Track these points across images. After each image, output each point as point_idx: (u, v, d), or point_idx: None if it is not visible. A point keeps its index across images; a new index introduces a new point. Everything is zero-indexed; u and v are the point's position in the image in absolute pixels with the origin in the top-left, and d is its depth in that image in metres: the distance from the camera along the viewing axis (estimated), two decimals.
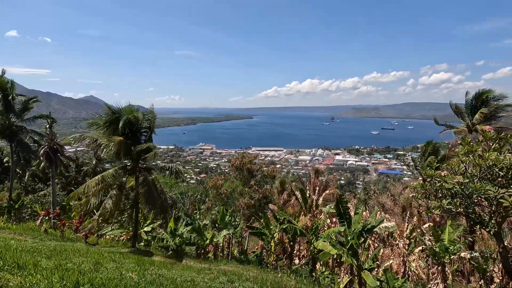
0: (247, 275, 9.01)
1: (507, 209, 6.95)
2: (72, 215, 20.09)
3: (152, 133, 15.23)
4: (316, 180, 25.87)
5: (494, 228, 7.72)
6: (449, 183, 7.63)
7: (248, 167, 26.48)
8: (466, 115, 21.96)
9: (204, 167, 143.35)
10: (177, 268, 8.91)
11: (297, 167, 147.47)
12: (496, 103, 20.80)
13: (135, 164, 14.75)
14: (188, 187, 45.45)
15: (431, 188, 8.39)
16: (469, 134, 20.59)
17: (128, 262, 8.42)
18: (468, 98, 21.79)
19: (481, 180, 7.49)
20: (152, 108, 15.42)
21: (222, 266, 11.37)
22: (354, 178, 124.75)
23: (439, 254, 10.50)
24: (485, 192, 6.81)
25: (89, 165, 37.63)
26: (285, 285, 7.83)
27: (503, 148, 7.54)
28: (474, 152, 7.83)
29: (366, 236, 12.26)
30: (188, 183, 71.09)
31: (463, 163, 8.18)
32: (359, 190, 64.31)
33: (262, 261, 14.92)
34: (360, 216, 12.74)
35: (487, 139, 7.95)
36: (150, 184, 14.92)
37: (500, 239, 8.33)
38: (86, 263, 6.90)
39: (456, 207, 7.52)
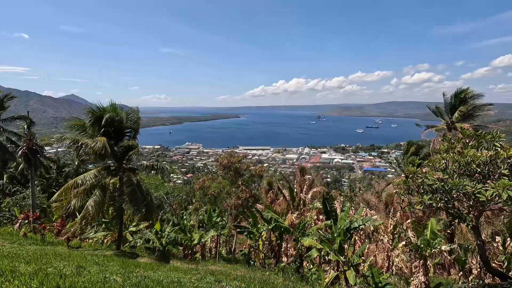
0: (234, 274, 8.99)
1: (484, 203, 7.24)
2: (53, 218, 19.42)
3: (136, 133, 14.94)
4: (302, 178, 26.12)
5: (472, 222, 8.03)
6: (430, 179, 7.86)
7: (236, 166, 26.40)
8: (446, 113, 22.77)
9: (191, 166, 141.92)
10: (163, 270, 8.78)
11: (284, 165, 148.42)
12: (474, 102, 21.69)
13: (119, 164, 14.42)
14: (174, 187, 44.89)
15: (413, 185, 8.62)
16: (448, 132, 21.36)
17: (112, 264, 8.22)
18: (447, 98, 22.62)
19: (460, 176, 7.76)
20: (136, 107, 15.12)
21: (210, 266, 11.31)
22: (340, 176, 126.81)
23: (421, 248, 10.84)
24: (463, 187, 7.06)
25: (71, 166, 36.46)
26: (272, 283, 7.86)
27: (480, 145, 7.85)
28: (454, 149, 8.11)
29: (352, 232, 12.50)
30: (174, 183, 70.20)
31: (444, 159, 8.46)
32: (345, 187, 65.43)
33: (250, 260, 14.94)
34: (346, 213, 12.97)
35: (465, 137, 8.25)
36: (134, 185, 14.62)
37: (477, 232, 8.68)
38: (68, 267, 6.69)
39: (437, 203, 7.76)
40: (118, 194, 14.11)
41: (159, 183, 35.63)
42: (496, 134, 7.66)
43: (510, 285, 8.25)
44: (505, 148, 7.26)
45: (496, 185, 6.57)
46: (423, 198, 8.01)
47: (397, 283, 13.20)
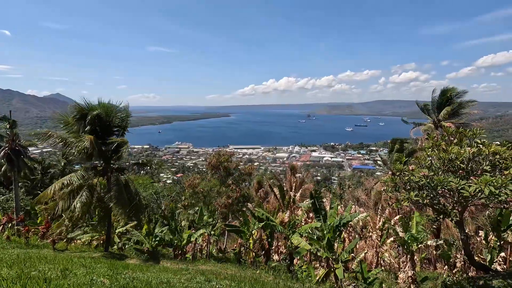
0: (225, 274, 8.97)
1: (467, 199, 7.45)
2: (38, 221, 18.90)
3: (125, 131, 14.66)
4: (292, 176, 26.28)
5: (456, 217, 8.26)
6: (416, 176, 8.04)
7: (225, 165, 26.26)
8: (433, 112, 23.29)
9: (181, 166, 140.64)
10: (153, 271, 8.67)
11: (274, 164, 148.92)
12: (459, 100, 22.27)
13: (107, 164, 14.14)
14: (164, 187, 44.38)
15: (400, 182, 8.80)
16: (435, 130, 21.87)
17: (100, 267, 8.06)
18: (434, 96, 23.15)
19: (444, 172, 7.97)
20: (126, 105, 14.80)
21: (200, 266, 11.25)
22: (329, 174, 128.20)
23: (408, 244, 11.08)
24: (448, 183, 7.25)
25: (57, 167, 35.54)
26: (263, 281, 7.88)
27: (463, 142, 8.07)
28: (438, 146, 8.32)
29: (341, 229, 12.65)
30: (164, 183, 69.43)
31: (429, 157, 8.66)
32: (334, 185, 66.18)
33: (241, 259, 14.93)
34: (336, 211, 13.11)
35: (449, 134, 8.47)
36: (123, 185, 14.37)
37: (461, 227, 8.93)
38: (53, 270, 6.52)
39: (423, 199, 7.95)
40: (106, 195, 13.83)
41: (149, 183, 35.17)
42: (477, 131, 7.89)
43: (492, 277, 8.53)
44: (487, 145, 7.49)
45: (479, 181, 6.77)
46: (409, 194, 8.18)
47: (386, 278, 13.46)
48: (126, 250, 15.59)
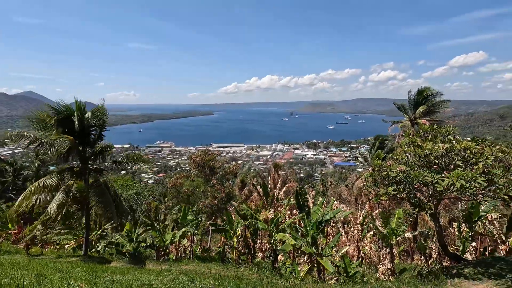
0: (209, 273, 8.91)
1: (441, 192, 7.82)
2: (9, 225, 17.94)
3: (102, 130, 14.18)
4: (276, 174, 26.46)
5: (431, 210, 8.64)
6: (393, 172, 8.33)
7: (209, 164, 26.08)
8: (409, 110, 24.21)
9: (163, 165, 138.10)
10: (134, 273, 8.47)
11: (258, 162, 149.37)
12: (434, 99, 23.31)
13: (85, 165, 13.64)
14: (145, 187, 43.40)
15: (379, 177, 9.08)
16: (411, 127, 22.75)
17: (77, 271, 7.78)
18: (411, 95, 24.07)
19: (420, 167, 8.30)
20: (102, 104, 14.30)
21: (183, 266, 11.11)
22: (312, 171, 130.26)
23: (387, 237, 11.47)
24: (423, 178, 7.57)
25: (30, 169, 33.85)
26: (247, 279, 7.90)
27: (437, 138, 8.44)
28: (414, 142, 8.65)
29: (324, 225, 12.90)
30: (146, 183, 67.92)
31: (406, 153, 9.00)
32: (317, 182, 67.36)
33: (225, 258, 14.90)
34: (318, 207, 13.35)
35: (424, 131, 8.83)
36: (102, 186, 13.94)
37: (436, 219, 9.36)
38: (26, 277, 6.21)
39: (400, 193, 8.26)
40: (83, 197, 13.34)
41: (130, 184, 34.29)
42: (450, 128, 8.28)
43: (464, 266, 9.00)
44: (459, 141, 7.87)
45: (451, 175, 7.11)
46: (388, 189, 8.47)
47: (367, 271, 13.88)
48: (106, 253, 15.14)
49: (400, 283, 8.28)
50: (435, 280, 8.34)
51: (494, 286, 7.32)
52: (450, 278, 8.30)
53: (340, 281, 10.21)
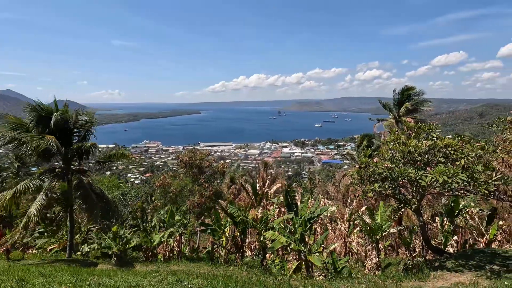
0: (197, 273, 8.85)
1: (425, 188, 8.06)
2: None
3: (87, 131, 13.83)
4: (264, 173, 26.53)
5: (415, 205, 8.90)
6: (379, 168, 8.52)
7: (197, 164, 25.85)
8: (394, 108, 24.83)
9: (150, 165, 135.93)
10: (121, 275, 8.31)
11: (246, 161, 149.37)
12: (417, 98, 24.03)
13: (67, 166, 13.25)
14: (132, 188, 42.62)
15: (365, 174, 9.27)
16: (396, 125, 23.33)
17: (61, 274, 7.55)
18: (395, 94, 24.72)
19: (404, 164, 8.52)
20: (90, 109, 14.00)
21: (172, 267, 10.99)
22: (300, 169, 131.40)
23: (373, 232, 11.73)
24: (408, 174, 7.78)
25: (9, 170, 32.53)
26: (236, 278, 7.90)
27: (420, 136, 8.69)
28: (399, 140, 8.87)
29: (312, 222, 13.04)
30: (132, 184, 66.68)
31: (391, 150, 9.22)
32: (305, 180, 68.00)
33: (214, 257, 14.84)
34: (306, 205, 13.48)
35: (408, 129, 9.07)
36: (86, 187, 13.59)
37: (419, 214, 9.65)
38: (7, 282, 5.99)
39: (385, 190, 8.46)
40: (66, 198, 12.97)
41: (115, 184, 33.57)
42: (433, 126, 8.54)
43: (446, 259, 9.33)
44: (441, 138, 8.13)
45: (434, 172, 7.34)
46: (374, 186, 8.65)
47: (354, 266, 14.15)
48: (92, 255, 14.78)
49: (386, 277, 8.49)
50: (419, 273, 8.60)
51: (474, 277, 7.61)
52: (433, 271, 8.57)
53: (328, 277, 10.36)
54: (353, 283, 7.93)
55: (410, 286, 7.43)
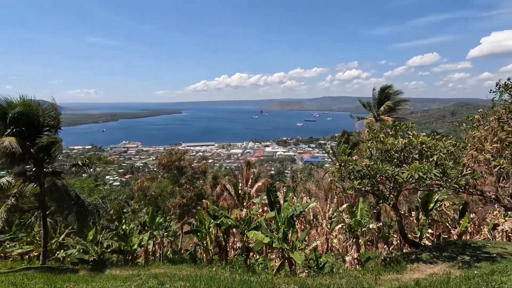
0: (180, 275, 8.71)
1: (401, 184, 8.36)
2: None
3: (56, 130, 13.17)
4: (248, 172, 26.54)
5: (392, 200, 9.22)
6: (358, 166, 8.75)
7: (176, 164, 25.36)
8: (374, 107, 25.59)
9: (129, 167, 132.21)
10: (99, 280, 8.02)
11: (229, 160, 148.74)
12: (396, 97, 24.92)
13: (39, 168, 12.60)
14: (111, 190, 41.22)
15: (345, 172, 9.49)
16: (375, 123, 24.06)
17: (34, 282, 7.18)
18: (375, 93, 25.49)
19: (382, 161, 8.81)
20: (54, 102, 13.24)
21: (153, 270, 10.73)
22: (283, 168, 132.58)
23: (353, 228, 12.06)
24: (385, 171, 8.04)
25: None
26: (219, 278, 7.85)
27: (397, 134, 9.01)
28: (377, 138, 9.15)
29: (294, 220, 13.19)
30: (111, 186, 64.55)
31: (369, 148, 9.49)
32: (287, 178, 68.67)
33: (196, 258, 14.67)
34: (289, 203, 13.61)
35: (386, 127, 9.38)
36: (61, 190, 12.98)
37: (396, 209, 10.01)
38: None
39: (364, 186, 8.70)
40: (39, 202, 12.34)
41: (93, 187, 32.30)
42: (409, 124, 8.88)
43: (422, 251, 9.74)
44: (416, 136, 8.47)
45: (410, 168, 7.64)
46: (353, 183, 8.87)
47: (335, 261, 14.48)
48: (68, 261, 14.17)
49: (366, 271, 8.74)
50: (396, 266, 8.93)
51: (447, 268, 8.00)
52: (409, 263, 8.93)
53: (311, 273, 10.53)
54: (334, 278, 8.10)
55: (389, 279, 7.69)
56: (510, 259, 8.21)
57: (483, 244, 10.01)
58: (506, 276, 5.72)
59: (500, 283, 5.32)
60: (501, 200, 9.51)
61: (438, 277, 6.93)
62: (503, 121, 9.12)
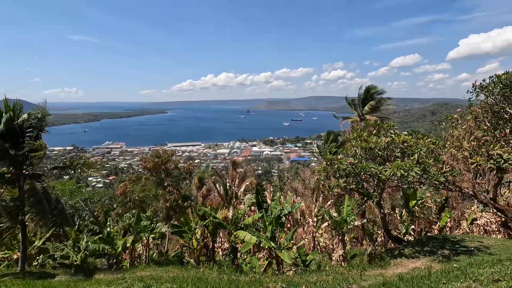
0: (166, 277, 8.59)
1: (384, 181, 8.59)
2: None
3: (40, 132, 12.71)
4: (234, 172, 26.46)
5: (376, 198, 9.45)
6: (344, 164, 8.92)
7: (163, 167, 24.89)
8: (358, 106, 26.11)
9: (113, 168, 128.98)
10: (82, 285, 7.80)
11: (216, 160, 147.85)
12: (379, 97, 25.53)
13: (18, 171, 12.10)
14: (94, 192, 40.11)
15: (331, 170, 9.65)
16: (360, 122, 24.56)
17: None
18: (360, 93, 26.03)
19: (366, 160, 9.02)
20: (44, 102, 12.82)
21: (139, 272, 10.55)
22: (270, 167, 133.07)
23: (339, 226, 12.27)
24: (369, 169, 8.24)
25: None
26: (206, 279, 7.79)
27: (380, 133, 9.25)
28: (361, 137, 9.36)
29: (282, 219, 13.28)
30: (94, 188, 62.81)
31: (354, 147, 9.69)
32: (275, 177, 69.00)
33: (183, 260, 14.51)
34: (276, 202, 13.69)
35: (369, 126, 9.60)
36: (40, 194, 12.51)
37: (380, 206, 10.27)
38: None
39: (349, 184, 8.88)
40: (17, 206, 11.85)
41: (74, 189, 31.31)
42: (391, 124, 9.13)
43: (405, 247, 10.04)
44: (398, 135, 8.72)
45: (392, 166, 7.85)
46: (339, 181, 9.04)
47: (322, 259, 14.68)
48: (48, 266, 13.68)
49: (351, 267, 8.93)
50: (380, 262, 9.16)
51: (428, 262, 8.29)
52: (393, 259, 9.19)
53: (298, 271, 10.64)
54: (321, 275, 8.22)
55: (373, 274, 7.88)
56: (486, 251, 8.60)
57: (461, 238, 10.43)
58: (482, 269, 5.99)
59: (477, 275, 5.57)
60: (478, 196, 9.95)
61: (420, 271, 7.17)
62: (480, 120, 9.54)
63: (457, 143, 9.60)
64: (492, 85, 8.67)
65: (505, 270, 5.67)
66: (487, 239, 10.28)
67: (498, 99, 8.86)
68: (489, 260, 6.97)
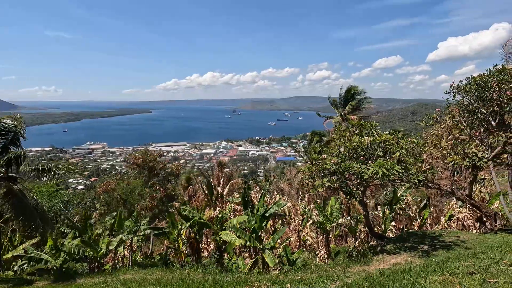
0: (150, 279, 8.43)
1: (367, 180, 8.79)
2: None
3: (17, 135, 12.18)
4: (220, 172, 26.33)
5: (359, 196, 9.66)
6: (328, 164, 9.06)
7: (150, 165, 24.50)
8: (340, 107, 26.59)
9: (95, 169, 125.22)
10: None
11: (202, 161, 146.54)
12: (359, 97, 26.08)
13: None
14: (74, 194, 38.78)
15: (315, 169, 9.78)
16: (343, 122, 25.02)
17: None
18: (341, 93, 26.50)
19: (349, 159, 9.20)
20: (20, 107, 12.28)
21: (121, 276, 10.29)
22: (256, 167, 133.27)
23: (323, 224, 12.48)
24: (352, 168, 8.41)
25: None
26: (191, 280, 7.71)
27: (362, 132, 9.46)
28: (344, 137, 9.54)
29: (268, 219, 13.35)
30: (74, 190, 60.69)
31: (338, 146, 9.86)
32: (261, 177, 69.11)
33: (168, 261, 14.29)
34: (262, 202, 13.74)
35: (352, 126, 9.80)
36: (18, 196, 11.99)
37: (363, 204, 10.51)
38: None
39: (334, 183, 9.03)
40: None
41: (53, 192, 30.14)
42: (374, 123, 9.36)
43: (387, 243, 10.32)
44: (380, 134, 8.95)
45: (375, 165, 8.05)
46: (323, 180, 9.17)
47: (307, 257, 14.86)
48: (25, 272, 13.12)
49: (335, 265, 9.09)
50: (363, 258, 9.38)
51: (409, 257, 8.57)
52: (375, 255, 9.43)
53: (283, 270, 10.72)
54: (306, 273, 8.32)
55: (356, 271, 8.06)
56: (462, 246, 8.98)
57: (440, 233, 10.85)
58: (458, 262, 6.26)
59: (454, 268, 5.80)
60: (455, 193, 10.36)
61: (401, 266, 7.39)
62: (457, 120, 9.95)
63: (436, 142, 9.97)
64: (468, 86, 9.05)
65: (479, 263, 5.94)
66: (463, 234, 10.74)
67: (474, 99, 9.26)
68: (465, 254, 7.29)
